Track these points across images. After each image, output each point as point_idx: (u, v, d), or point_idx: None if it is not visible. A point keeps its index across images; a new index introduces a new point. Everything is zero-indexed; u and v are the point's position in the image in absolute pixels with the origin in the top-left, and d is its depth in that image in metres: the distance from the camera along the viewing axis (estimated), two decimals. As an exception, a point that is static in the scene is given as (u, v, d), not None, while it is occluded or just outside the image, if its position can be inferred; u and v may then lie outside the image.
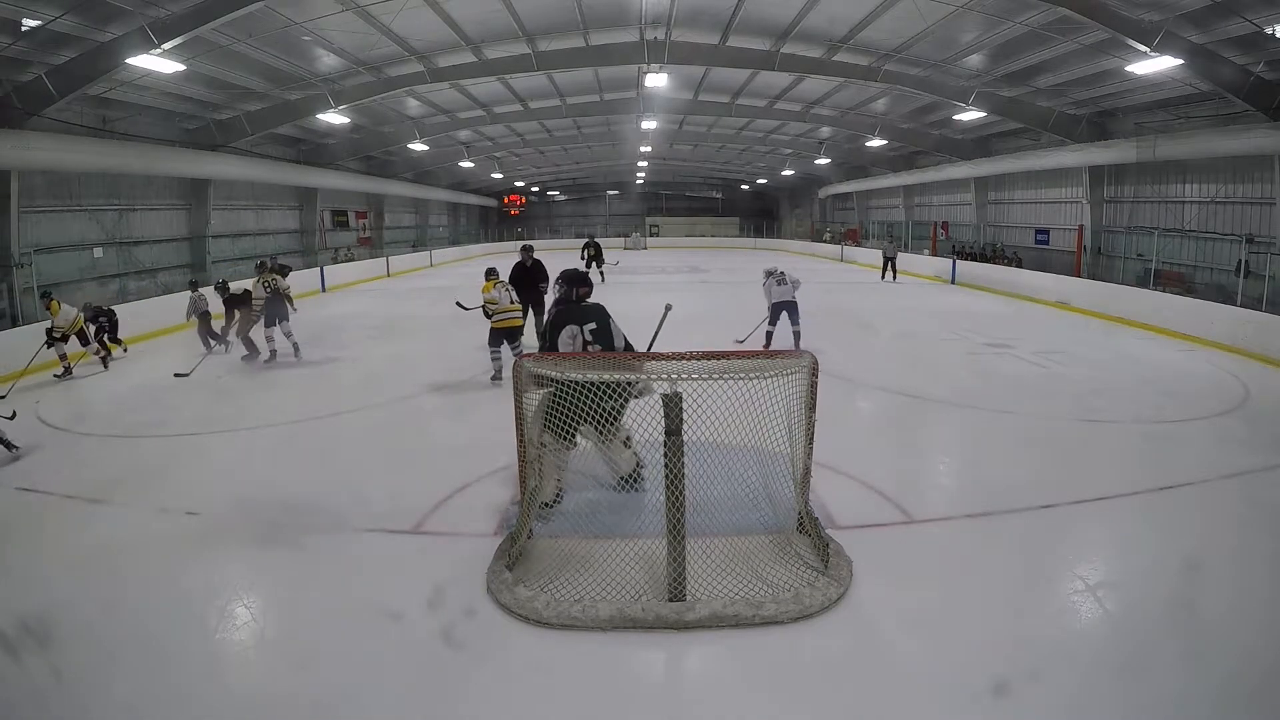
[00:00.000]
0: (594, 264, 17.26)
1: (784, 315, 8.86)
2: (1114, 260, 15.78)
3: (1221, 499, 4.70)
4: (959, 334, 10.98)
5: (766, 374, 3.49)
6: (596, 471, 4.53)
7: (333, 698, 2.77)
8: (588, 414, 3.64)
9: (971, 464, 5.63)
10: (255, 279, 9.14)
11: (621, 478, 4.32)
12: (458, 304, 8.76)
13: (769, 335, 9.08)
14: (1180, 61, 9.94)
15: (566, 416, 3.68)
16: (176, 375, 8.41)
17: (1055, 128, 15.22)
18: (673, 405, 3.23)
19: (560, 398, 3.65)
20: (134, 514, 4.52)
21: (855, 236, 28.36)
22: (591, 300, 4.70)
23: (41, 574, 3.77)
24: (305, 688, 2.85)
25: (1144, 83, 12.29)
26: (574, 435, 3.88)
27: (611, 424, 3.93)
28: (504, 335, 7.72)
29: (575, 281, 4.66)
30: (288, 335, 9.20)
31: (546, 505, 4.19)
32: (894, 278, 19.30)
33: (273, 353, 9.11)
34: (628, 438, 4.23)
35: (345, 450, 5.90)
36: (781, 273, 9.02)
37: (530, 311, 8.83)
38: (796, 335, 8.91)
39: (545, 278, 8.80)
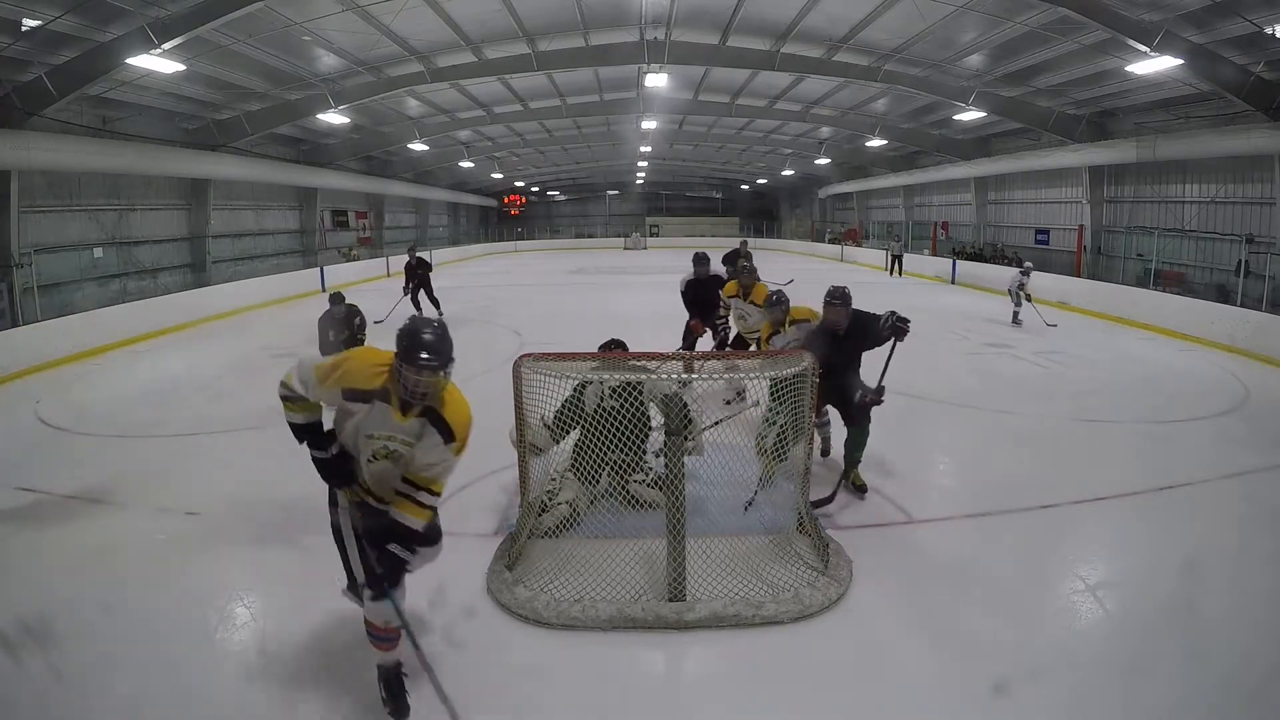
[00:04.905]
0: None
1: None
2: (1114, 260, 15.75)
3: (1221, 499, 4.70)
4: (959, 334, 10.97)
5: (766, 374, 3.50)
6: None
7: (333, 697, 2.77)
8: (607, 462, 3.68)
9: (971, 464, 5.63)
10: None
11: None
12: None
13: None
14: (1180, 61, 9.92)
15: (593, 462, 3.75)
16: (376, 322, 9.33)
17: (1055, 128, 15.18)
18: (673, 405, 3.22)
19: (585, 446, 3.71)
20: (134, 514, 4.52)
21: (855, 236, 28.32)
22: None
23: (41, 574, 3.77)
24: (305, 688, 2.85)
25: (1144, 83, 12.25)
26: (597, 478, 3.97)
27: (624, 473, 3.97)
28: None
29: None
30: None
31: (564, 505, 4.07)
32: (899, 274, 20.50)
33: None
34: (642, 481, 4.14)
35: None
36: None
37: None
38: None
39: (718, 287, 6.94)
